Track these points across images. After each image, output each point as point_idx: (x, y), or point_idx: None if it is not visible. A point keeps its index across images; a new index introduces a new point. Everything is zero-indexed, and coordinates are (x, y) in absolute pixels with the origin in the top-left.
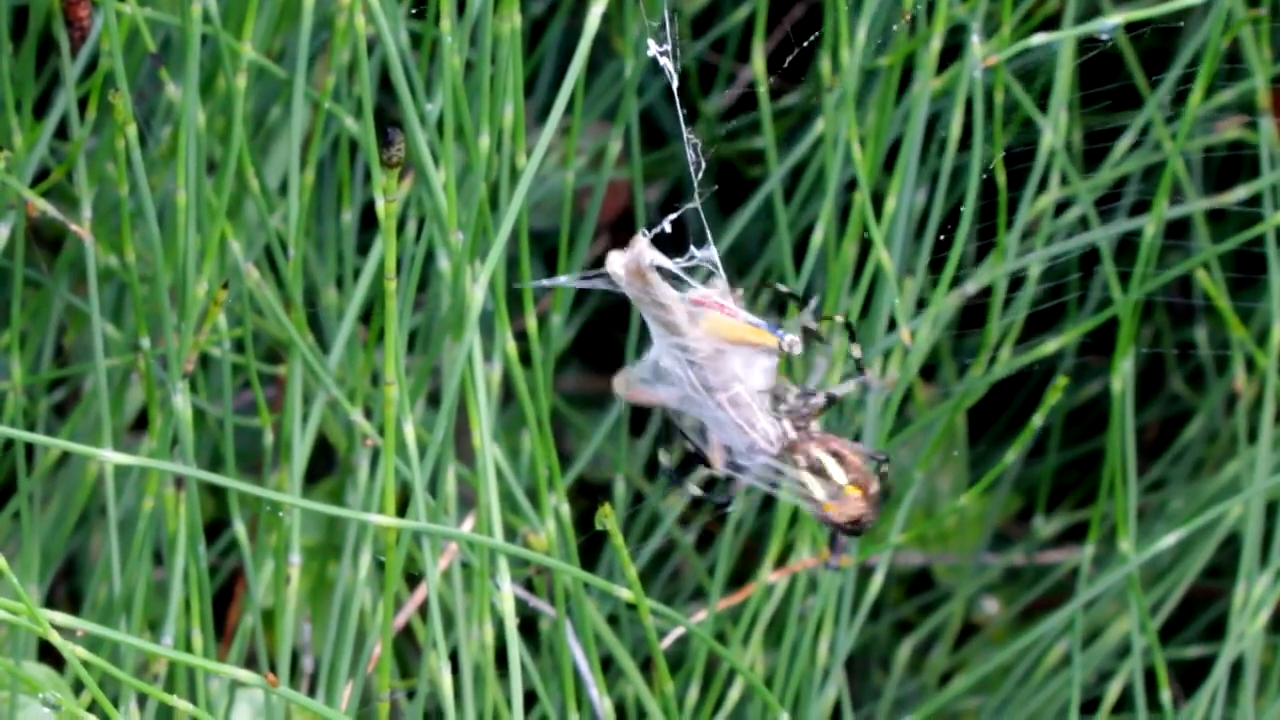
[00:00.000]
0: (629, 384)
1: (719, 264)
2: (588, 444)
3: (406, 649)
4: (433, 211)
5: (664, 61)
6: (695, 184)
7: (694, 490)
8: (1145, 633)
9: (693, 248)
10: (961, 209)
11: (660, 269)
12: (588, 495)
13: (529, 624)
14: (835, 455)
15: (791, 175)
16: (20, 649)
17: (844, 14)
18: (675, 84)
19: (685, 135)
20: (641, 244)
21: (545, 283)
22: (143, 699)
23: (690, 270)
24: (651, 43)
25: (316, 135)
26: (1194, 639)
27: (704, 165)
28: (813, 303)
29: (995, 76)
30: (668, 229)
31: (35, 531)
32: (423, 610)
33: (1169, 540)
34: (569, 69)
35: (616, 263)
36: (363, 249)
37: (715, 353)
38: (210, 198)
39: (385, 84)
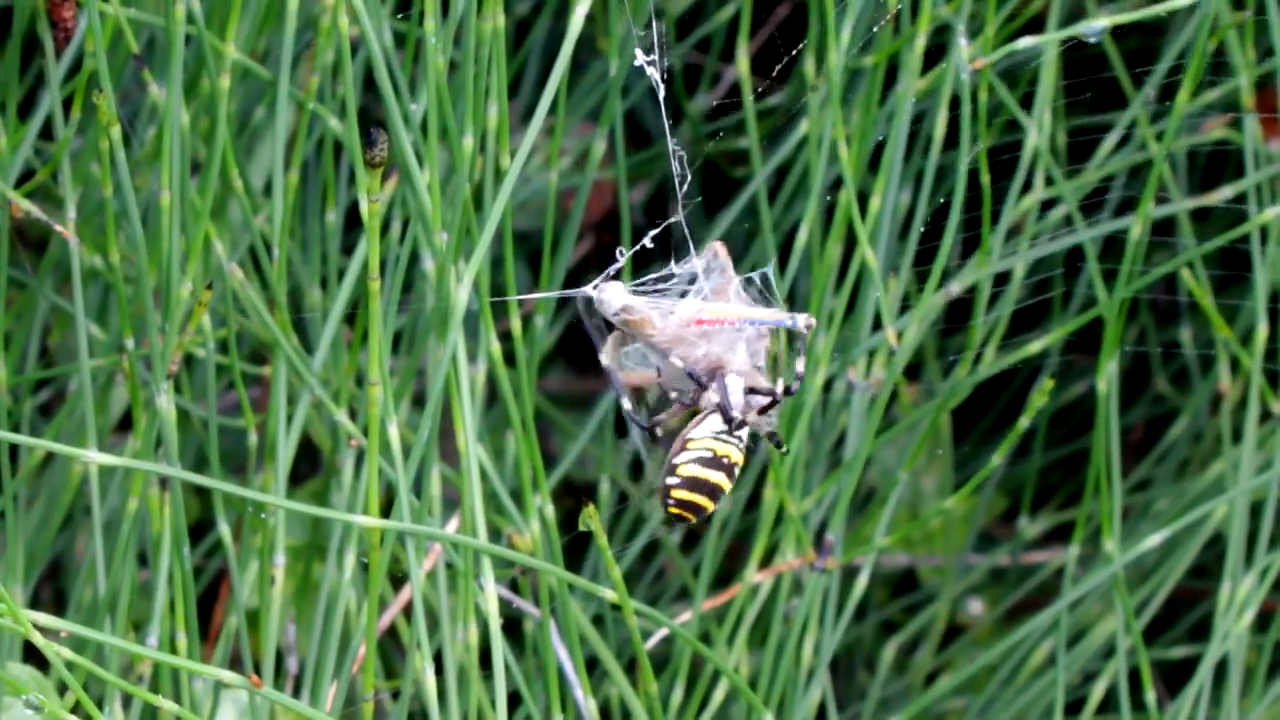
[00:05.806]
0: (619, 363)
1: (702, 273)
2: (572, 444)
3: (391, 650)
4: (417, 212)
5: (650, 71)
6: (680, 196)
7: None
8: (1130, 633)
9: (672, 264)
10: (946, 208)
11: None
12: (572, 495)
13: (513, 625)
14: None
15: (776, 175)
16: (4, 650)
17: (830, 14)
18: (662, 92)
19: (670, 147)
20: (613, 292)
21: (528, 297)
22: (127, 700)
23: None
24: (639, 52)
25: (301, 136)
26: (1179, 639)
27: (689, 177)
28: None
29: (980, 77)
30: (649, 244)
31: (20, 532)
32: (407, 611)
33: (1154, 540)
34: (553, 69)
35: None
36: (347, 249)
37: (688, 345)
38: (194, 198)
39: (370, 84)
